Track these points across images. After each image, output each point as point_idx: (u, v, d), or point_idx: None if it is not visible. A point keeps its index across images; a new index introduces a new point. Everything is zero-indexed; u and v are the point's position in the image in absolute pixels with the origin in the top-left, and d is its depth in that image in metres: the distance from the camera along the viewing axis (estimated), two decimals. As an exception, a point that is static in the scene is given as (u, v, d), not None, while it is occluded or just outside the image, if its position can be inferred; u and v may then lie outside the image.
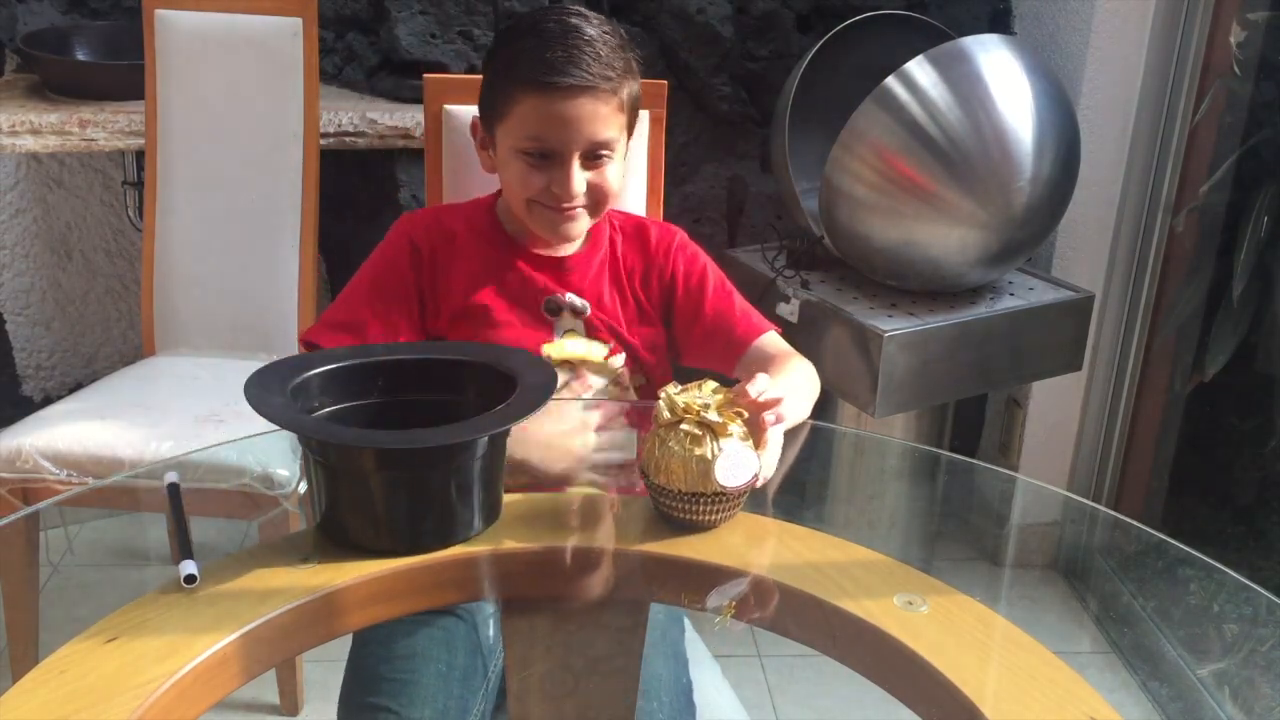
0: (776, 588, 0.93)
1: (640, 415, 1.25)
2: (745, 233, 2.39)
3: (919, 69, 1.73)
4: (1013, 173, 1.74)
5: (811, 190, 1.95)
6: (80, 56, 2.13)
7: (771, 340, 1.29)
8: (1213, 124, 2.06)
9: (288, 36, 1.81)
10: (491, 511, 0.97)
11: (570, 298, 1.27)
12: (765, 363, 1.24)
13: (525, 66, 1.17)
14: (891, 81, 1.73)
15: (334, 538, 0.94)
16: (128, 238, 2.35)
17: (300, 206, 1.85)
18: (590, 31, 1.17)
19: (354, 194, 2.25)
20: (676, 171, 2.32)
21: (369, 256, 1.29)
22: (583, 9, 1.22)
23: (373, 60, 2.23)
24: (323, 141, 1.90)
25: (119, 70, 1.99)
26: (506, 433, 0.95)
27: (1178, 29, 2.03)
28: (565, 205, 1.21)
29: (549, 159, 1.19)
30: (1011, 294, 1.94)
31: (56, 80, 2.04)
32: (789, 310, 1.92)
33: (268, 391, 0.93)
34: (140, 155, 2.01)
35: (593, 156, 1.20)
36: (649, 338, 1.31)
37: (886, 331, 1.76)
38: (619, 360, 1.27)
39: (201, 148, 1.85)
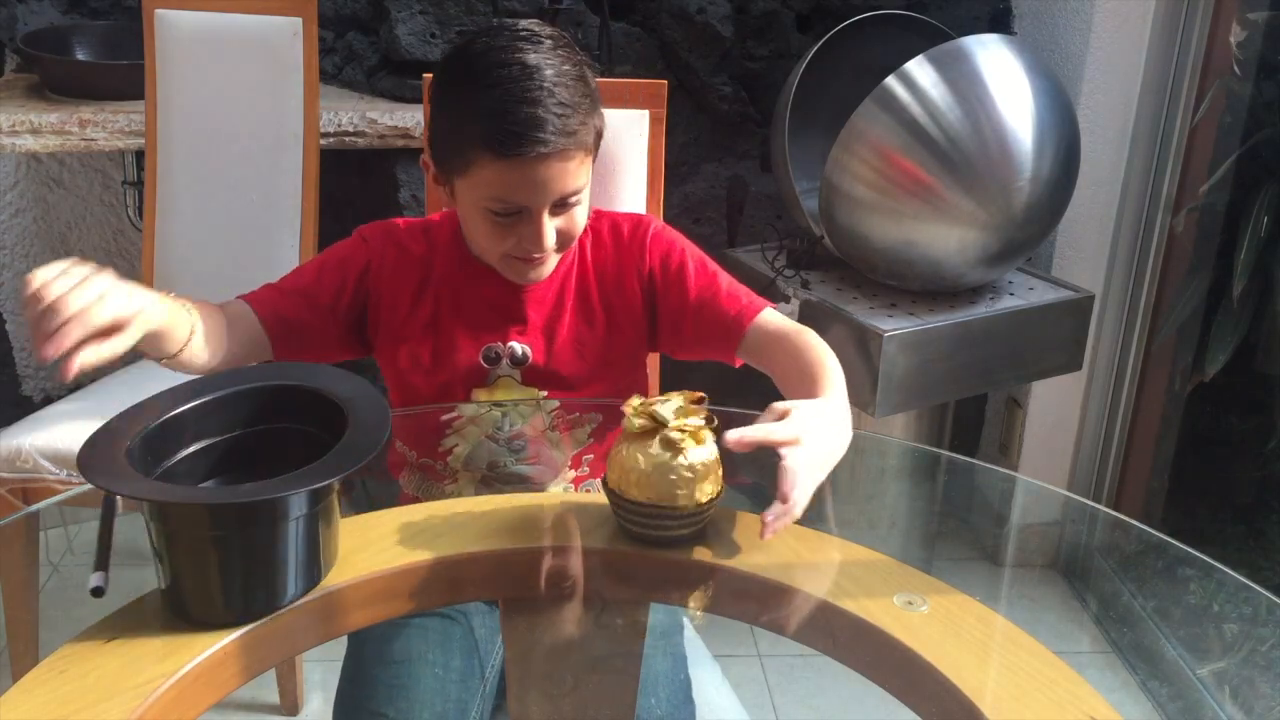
0: (776, 588, 0.93)
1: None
2: (745, 233, 2.39)
3: (919, 69, 1.73)
4: (1013, 172, 1.74)
5: (811, 190, 1.95)
6: (80, 56, 2.13)
7: (770, 319, 1.21)
8: (1213, 124, 2.06)
9: (288, 36, 1.81)
10: (313, 572, 0.89)
11: (512, 346, 1.23)
12: (771, 348, 1.18)
13: (484, 131, 1.07)
14: (891, 81, 1.73)
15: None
16: (128, 238, 2.35)
17: (300, 206, 1.85)
18: (548, 72, 1.07)
19: (354, 194, 2.25)
20: (676, 171, 2.32)
21: (320, 254, 1.25)
22: (531, 27, 1.11)
23: (373, 60, 2.23)
24: (323, 141, 1.89)
25: (119, 70, 1.99)
26: (329, 487, 0.87)
27: (1178, 29, 2.03)
28: (535, 257, 1.15)
29: (516, 215, 1.12)
30: (1011, 294, 1.94)
31: (56, 80, 2.04)
32: (789, 310, 1.92)
33: (122, 435, 0.87)
34: (140, 155, 2.01)
35: (562, 205, 1.13)
36: (611, 358, 1.26)
37: (886, 331, 1.76)
38: (552, 403, 1.24)
39: (201, 148, 1.85)
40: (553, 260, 1.19)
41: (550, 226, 1.13)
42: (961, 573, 2.30)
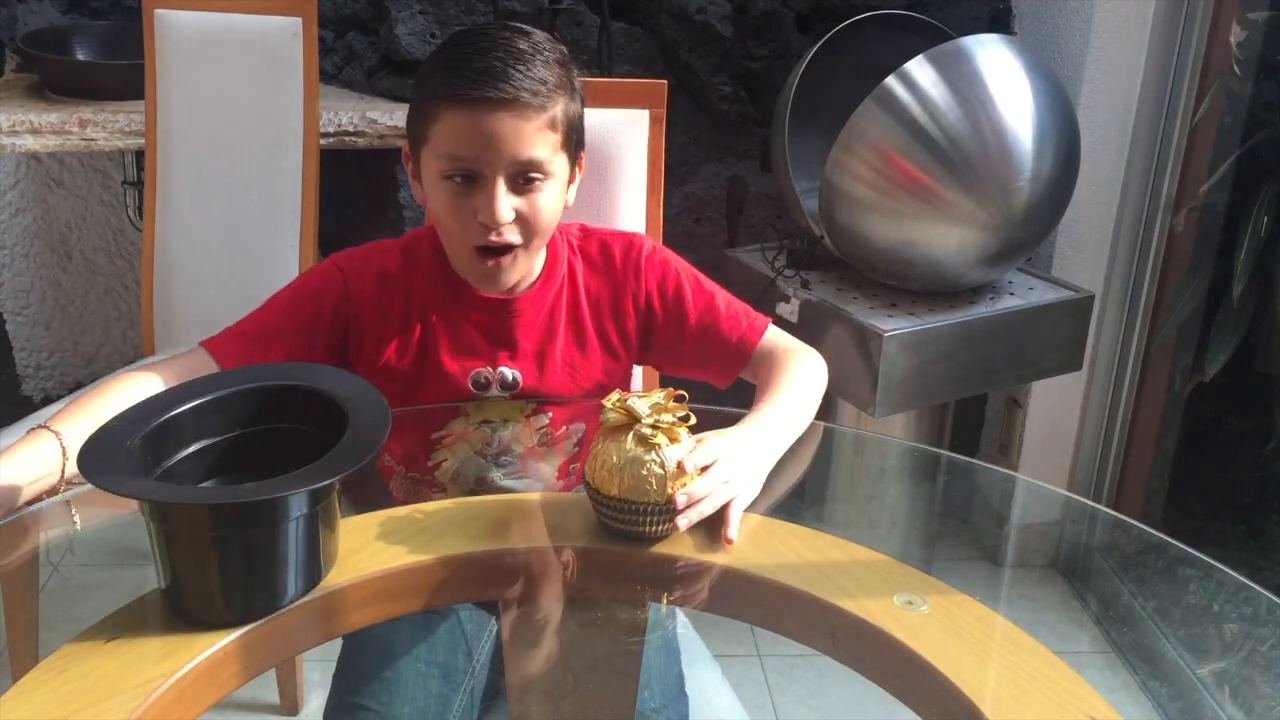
0: (776, 588, 0.93)
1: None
2: (745, 233, 2.39)
3: (919, 69, 1.73)
4: (1013, 172, 1.74)
5: (811, 190, 1.95)
6: (80, 56, 2.13)
7: (771, 339, 1.23)
8: (1213, 124, 2.05)
9: (288, 36, 1.81)
10: (313, 572, 0.89)
11: (502, 372, 1.20)
12: (762, 366, 1.20)
13: (445, 79, 1.08)
14: (891, 81, 1.73)
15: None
16: (128, 238, 2.35)
17: (300, 206, 1.85)
18: (522, 45, 1.09)
19: (354, 194, 2.25)
20: (676, 171, 2.32)
21: (290, 284, 1.20)
22: (524, 26, 1.13)
23: (373, 60, 2.23)
24: (323, 141, 1.89)
25: (119, 70, 1.99)
26: (329, 487, 0.86)
27: (1178, 29, 2.03)
28: (493, 238, 1.11)
29: (473, 182, 1.09)
30: (1011, 294, 1.94)
31: (56, 80, 2.04)
32: (789, 310, 1.92)
33: (123, 435, 0.87)
34: (140, 155, 2.01)
35: (521, 179, 1.10)
36: (603, 380, 1.24)
37: (886, 331, 1.76)
38: (542, 419, 1.22)
39: (201, 148, 1.85)
40: (517, 265, 1.15)
41: (506, 200, 1.10)
42: (961, 573, 2.29)
